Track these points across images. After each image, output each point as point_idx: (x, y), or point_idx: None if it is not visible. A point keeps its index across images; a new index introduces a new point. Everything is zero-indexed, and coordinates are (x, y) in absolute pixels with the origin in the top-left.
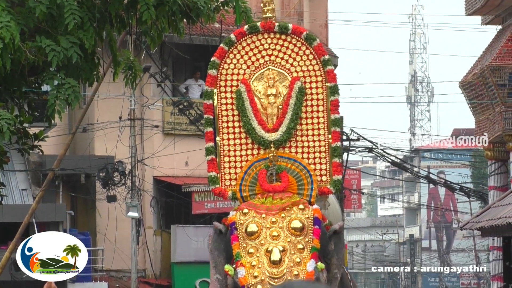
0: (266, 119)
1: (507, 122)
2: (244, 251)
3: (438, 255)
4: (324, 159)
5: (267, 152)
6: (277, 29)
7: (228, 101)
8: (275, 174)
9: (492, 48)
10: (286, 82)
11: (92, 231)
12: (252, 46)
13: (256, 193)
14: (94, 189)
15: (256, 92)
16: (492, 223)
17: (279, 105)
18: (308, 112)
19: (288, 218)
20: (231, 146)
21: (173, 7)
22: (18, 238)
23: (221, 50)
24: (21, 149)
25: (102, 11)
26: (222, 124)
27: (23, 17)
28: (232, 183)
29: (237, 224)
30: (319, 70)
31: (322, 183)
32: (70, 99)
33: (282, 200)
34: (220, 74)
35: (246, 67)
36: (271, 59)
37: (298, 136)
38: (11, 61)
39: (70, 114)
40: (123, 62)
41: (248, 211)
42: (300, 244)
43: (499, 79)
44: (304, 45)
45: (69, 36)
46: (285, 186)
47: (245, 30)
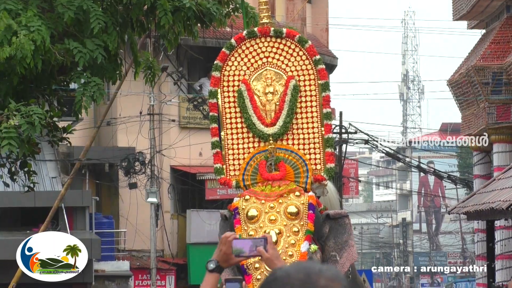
0: (265, 115)
1: (490, 117)
2: (245, 234)
3: (427, 237)
4: (318, 149)
5: (266, 144)
6: (272, 33)
7: (230, 99)
8: (274, 164)
9: (477, 50)
10: (282, 81)
11: (115, 215)
12: (250, 49)
13: (257, 182)
14: (117, 177)
15: (255, 91)
16: (476, 208)
17: (276, 102)
18: (302, 107)
19: (285, 204)
20: (234, 140)
21: (188, 12)
22: (48, 221)
23: (223, 54)
24: (51, 141)
25: (124, 16)
26: (226, 120)
27: (53, 22)
28: (236, 173)
29: (239, 209)
30: (312, 69)
31: (316, 171)
32: (95, 96)
33: (280, 188)
34: (222, 76)
35: (246, 68)
36: (268, 60)
37: (294, 129)
38: (42, 62)
39: (95, 110)
40: (143, 63)
41: (250, 198)
42: (295, 227)
43: (483, 78)
44: (297, 47)
45: (94, 39)
46: (282, 175)
47: (244, 35)
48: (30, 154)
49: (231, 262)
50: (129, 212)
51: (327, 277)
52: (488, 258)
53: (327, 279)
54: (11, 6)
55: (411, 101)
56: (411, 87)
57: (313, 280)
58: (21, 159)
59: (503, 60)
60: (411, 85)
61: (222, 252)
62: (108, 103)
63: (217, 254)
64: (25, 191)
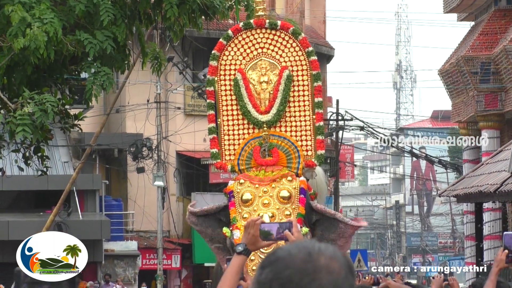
0: (259, 103)
1: (479, 104)
2: (239, 216)
3: (419, 218)
4: (309, 136)
5: (260, 131)
6: (267, 26)
7: (227, 88)
8: (267, 150)
9: (466, 41)
10: (276, 70)
11: (124, 197)
12: (246, 40)
13: (251, 166)
14: (125, 162)
15: (250, 80)
16: (466, 191)
17: (270, 91)
18: (295, 96)
19: (277, 188)
20: (230, 126)
21: (193, 5)
22: (61, 203)
23: (220, 44)
24: (63, 127)
25: (132, 9)
26: (222, 107)
27: (65, 14)
28: (231, 158)
29: (234, 192)
30: (304, 60)
31: (307, 157)
32: (105, 84)
33: (273, 173)
34: (219, 65)
35: (242, 58)
36: (263, 51)
37: (287, 117)
38: (55, 52)
39: (105, 98)
40: (150, 53)
41: (244, 182)
42: (287, 210)
43: (472, 67)
44: (291, 38)
45: (104, 31)
46: (276, 160)
47: (241, 27)
48: (43, 140)
49: (258, 245)
50: (137, 195)
51: (326, 256)
52: (476, 238)
53: (326, 257)
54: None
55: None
56: (404, 76)
57: (314, 259)
58: (35, 145)
59: (491, 50)
60: (404, 75)
61: (250, 235)
62: (117, 92)
63: (246, 237)
64: (38, 175)
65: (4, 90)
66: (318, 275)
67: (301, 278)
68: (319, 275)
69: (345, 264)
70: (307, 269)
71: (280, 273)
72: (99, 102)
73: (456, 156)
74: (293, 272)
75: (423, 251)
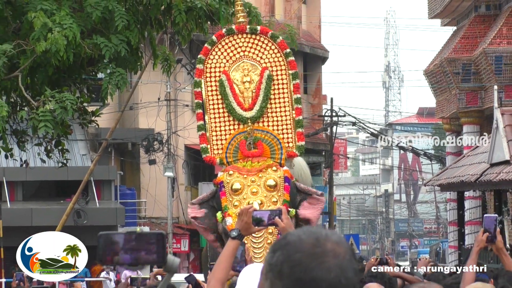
0: (243, 101)
1: (461, 102)
2: (230, 204)
3: (406, 206)
4: (290, 129)
5: (245, 126)
6: (248, 31)
7: (213, 88)
8: (252, 143)
9: (449, 44)
10: (257, 71)
11: (137, 187)
12: (229, 44)
13: (238, 159)
14: (138, 154)
15: (234, 80)
16: (449, 181)
17: (253, 90)
18: (275, 94)
19: (264, 178)
20: (217, 123)
21: (200, 12)
22: (79, 192)
23: (206, 49)
24: (82, 123)
25: (144, 15)
26: (209, 106)
27: (83, 20)
28: (219, 152)
29: (224, 182)
30: (283, 61)
31: (289, 148)
32: (119, 84)
33: (259, 163)
34: (205, 68)
35: (226, 61)
36: (245, 54)
37: (269, 113)
38: (73, 55)
39: (119, 96)
40: (160, 55)
41: (233, 173)
42: (274, 198)
43: (455, 68)
44: (270, 42)
45: (119, 35)
46: (260, 152)
47: (224, 32)
48: (63, 135)
49: (251, 230)
50: (149, 184)
51: (333, 241)
52: (459, 224)
53: (333, 242)
54: (47, 6)
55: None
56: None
57: (322, 244)
58: (56, 139)
59: (472, 53)
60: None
61: (243, 222)
62: (131, 90)
63: (239, 224)
64: (59, 166)
65: (27, 89)
66: (325, 259)
67: (310, 261)
68: (326, 259)
69: (349, 249)
70: (315, 253)
71: (290, 256)
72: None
73: (440, 149)
74: (302, 255)
75: (410, 235)
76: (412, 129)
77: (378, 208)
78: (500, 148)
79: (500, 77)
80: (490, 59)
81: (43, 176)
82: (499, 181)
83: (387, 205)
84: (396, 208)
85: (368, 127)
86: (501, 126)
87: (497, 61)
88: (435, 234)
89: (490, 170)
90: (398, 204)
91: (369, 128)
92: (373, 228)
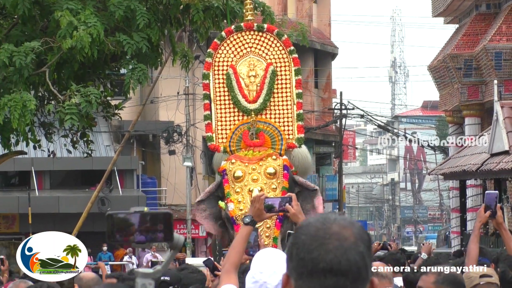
0: (248, 93)
1: (463, 96)
2: (233, 191)
3: (412, 194)
4: (291, 122)
5: (249, 118)
6: (255, 28)
7: (220, 81)
8: (255, 133)
9: (452, 41)
10: (262, 66)
11: (157, 176)
12: (237, 40)
13: (241, 148)
14: (159, 145)
15: (240, 74)
16: (451, 170)
17: (257, 84)
18: (279, 88)
19: (264, 166)
20: (222, 114)
21: (216, 11)
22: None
23: (215, 44)
24: (105, 115)
25: (164, 14)
26: (216, 98)
27: (106, 19)
28: (224, 141)
29: (227, 170)
30: (287, 57)
31: (289, 140)
32: (141, 79)
33: (260, 153)
34: (214, 61)
35: (233, 56)
36: (251, 50)
37: (271, 106)
38: (98, 51)
39: (141, 90)
40: (179, 52)
41: (235, 161)
42: (274, 184)
43: (457, 64)
44: (275, 39)
45: (140, 33)
46: (262, 142)
47: (232, 29)
48: (88, 127)
49: (263, 216)
50: (169, 174)
51: (339, 225)
52: (461, 211)
53: (339, 226)
54: (72, 6)
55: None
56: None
57: (327, 227)
58: (81, 131)
59: (473, 49)
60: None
61: (256, 208)
62: (151, 85)
63: (252, 210)
64: (84, 157)
65: (54, 84)
66: (326, 241)
67: (311, 242)
68: (327, 241)
69: (358, 234)
70: (318, 235)
71: (298, 239)
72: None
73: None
74: (306, 237)
75: (415, 221)
76: (417, 121)
77: (385, 196)
78: (500, 139)
79: (499, 72)
80: (490, 55)
81: (69, 166)
82: (499, 170)
83: (393, 193)
84: (402, 195)
85: (375, 119)
86: (501, 118)
87: (497, 57)
88: (439, 221)
89: (490, 160)
90: (403, 192)
91: (376, 120)
92: (380, 214)
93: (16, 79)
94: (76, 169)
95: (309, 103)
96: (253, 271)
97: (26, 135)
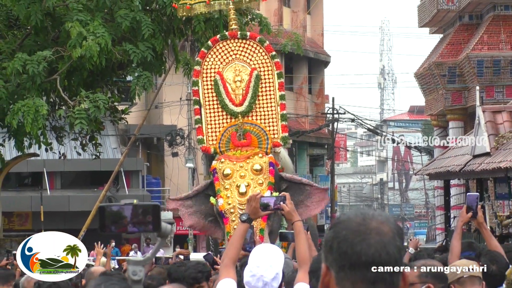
0: (234, 97)
1: (447, 101)
2: (222, 188)
3: (399, 193)
4: (275, 123)
5: (236, 120)
6: (239, 36)
7: (208, 87)
8: (242, 134)
9: (437, 50)
10: (247, 71)
11: (161, 176)
12: (223, 48)
13: (230, 148)
14: (163, 148)
15: (227, 80)
16: (436, 170)
17: (243, 88)
18: (263, 91)
19: (251, 163)
20: (212, 117)
21: (217, 22)
22: (111, 181)
23: (202, 53)
24: (113, 120)
25: (168, 25)
26: (205, 102)
27: (113, 30)
28: (214, 142)
29: (217, 169)
30: (269, 62)
31: (274, 139)
32: (146, 85)
33: (247, 152)
34: (202, 69)
35: (220, 63)
36: (236, 56)
37: (257, 108)
38: (105, 60)
39: (146, 96)
40: (182, 60)
41: (224, 160)
42: (260, 180)
43: (441, 71)
44: (258, 45)
45: (145, 42)
46: (249, 143)
47: (218, 38)
48: (96, 130)
49: (258, 214)
50: (172, 174)
51: (378, 220)
52: (445, 209)
53: (378, 221)
54: (82, 17)
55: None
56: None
57: (367, 222)
58: (90, 134)
59: (457, 57)
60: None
61: (252, 207)
62: (156, 91)
63: (248, 208)
64: (93, 159)
65: (65, 91)
66: (368, 236)
67: (354, 237)
68: (369, 236)
69: (394, 228)
70: (359, 230)
71: (338, 233)
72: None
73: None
74: (348, 232)
75: (402, 219)
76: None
77: (374, 195)
78: (482, 141)
79: (481, 79)
80: (473, 63)
81: (79, 167)
82: (480, 171)
83: (382, 192)
84: (390, 194)
85: (365, 123)
86: (483, 122)
87: (479, 64)
88: (425, 218)
89: (473, 161)
90: (391, 191)
91: (366, 124)
92: None
93: (29, 86)
94: (85, 170)
95: (303, 108)
96: (250, 265)
97: (39, 138)
